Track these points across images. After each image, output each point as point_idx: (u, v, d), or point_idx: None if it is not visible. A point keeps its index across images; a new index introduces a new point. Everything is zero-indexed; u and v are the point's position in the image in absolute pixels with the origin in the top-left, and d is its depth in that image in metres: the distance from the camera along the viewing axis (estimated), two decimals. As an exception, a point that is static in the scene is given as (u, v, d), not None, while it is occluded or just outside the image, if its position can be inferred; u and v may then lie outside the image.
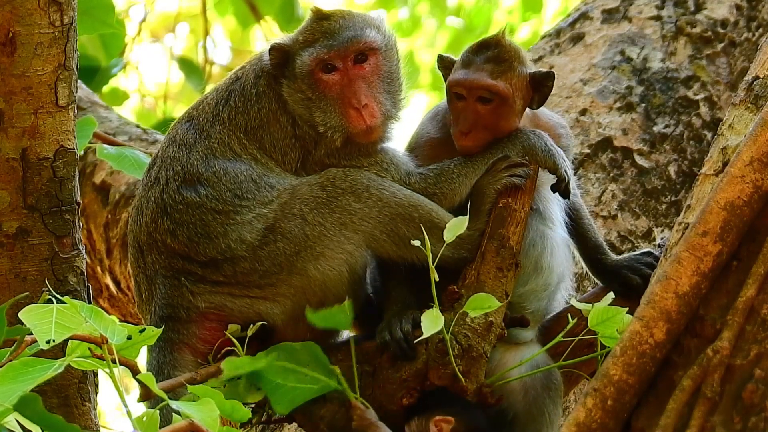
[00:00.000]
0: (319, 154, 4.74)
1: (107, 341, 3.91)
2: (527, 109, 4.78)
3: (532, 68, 4.75)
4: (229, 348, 4.56)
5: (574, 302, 4.63)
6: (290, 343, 4.51)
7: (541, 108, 4.82)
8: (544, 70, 4.74)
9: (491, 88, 4.66)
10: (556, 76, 4.76)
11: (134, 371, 4.00)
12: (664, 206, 6.38)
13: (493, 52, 4.70)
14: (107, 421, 10.33)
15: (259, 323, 4.55)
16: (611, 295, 4.52)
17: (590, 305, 4.55)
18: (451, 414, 4.43)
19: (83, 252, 4.89)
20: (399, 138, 4.89)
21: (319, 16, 4.78)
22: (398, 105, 4.81)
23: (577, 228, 4.91)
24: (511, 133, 4.75)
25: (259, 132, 4.75)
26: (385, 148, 4.80)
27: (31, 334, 3.94)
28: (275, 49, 4.77)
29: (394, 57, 4.84)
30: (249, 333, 4.52)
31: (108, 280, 7.23)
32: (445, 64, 4.82)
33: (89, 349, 3.95)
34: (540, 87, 4.73)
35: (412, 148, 4.87)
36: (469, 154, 4.72)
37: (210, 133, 4.75)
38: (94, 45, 8.40)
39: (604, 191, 6.35)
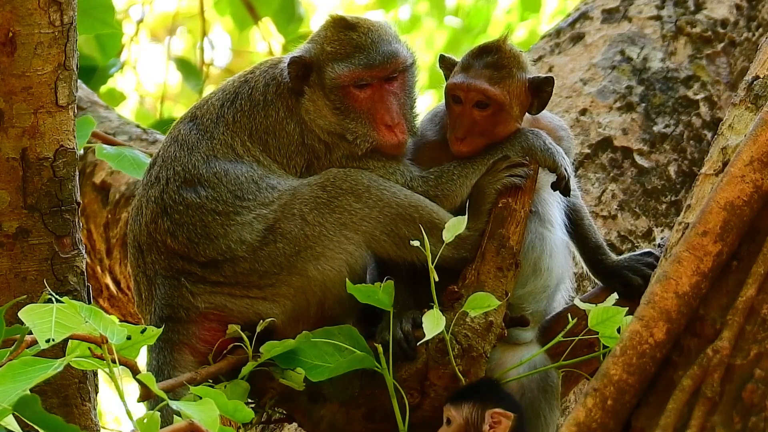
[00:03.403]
0: (329, 159, 4.75)
1: (107, 341, 3.90)
2: (527, 114, 4.78)
3: (531, 73, 4.74)
4: (231, 347, 4.57)
5: (576, 302, 4.64)
6: (328, 327, 4.52)
7: (541, 110, 4.83)
8: (543, 75, 4.74)
9: (488, 93, 4.66)
10: (555, 81, 4.75)
11: (134, 371, 3.99)
12: (664, 206, 6.39)
13: (493, 57, 4.70)
14: (107, 421, 10.32)
15: (269, 319, 4.56)
16: (615, 295, 4.52)
17: (592, 305, 4.55)
18: (508, 410, 4.39)
19: (83, 252, 4.88)
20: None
21: (344, 25, 4.77)
22: (416, 118, 4.83)
23: (577, 229, 4.91)
24: (510, 133, 4.75)
25: (264, 136, 4.76)
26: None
27: (31, 333, 3.93)
28: (295, 63, 4.76)
29: (416, 72, 4.87)
30: (259, 329, 4.53)
31: (108, 280, 7.23)
32: (446, 64, 4.82)
33: (89, 349, 3.95)
34: (539, 92, 4.73)
35: (411, 150, 4.87)
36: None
37: (213, 134, 4.75)
38: (90, 45, 8.39)
39: (604, 191, 6.36)
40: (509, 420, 4.34)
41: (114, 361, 3.90)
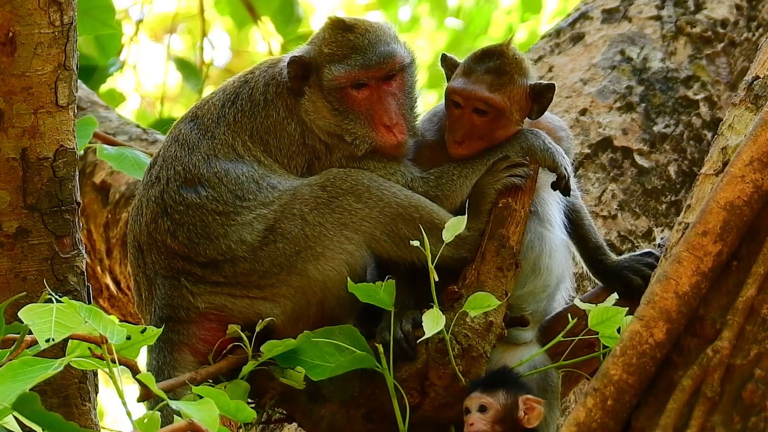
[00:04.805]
0: (329, 160, 4.75)
1: (107, 341, 3.91)
2: (526, 118, 4.78)
3: (533, 78, 4.73)
4: (231, 347, 4.58)
5: (576, 302, 4.64)
6: (329, 327, 4.52)
7: (540, 110, 4.83)
8: (545, 82, 4.73)
9: (488, 101, 4.65)
10: (555, 85, 4.75)
11: (134, 371, 4.00)
12: (664, 206, 6.39)
13: (495, 63, 4.68)
14: (107, 421, 10.32)
15: (268, 319, 4.56)
16: (614, 295, 4.52)
17: (592, 305, 4.55)
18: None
19: (83, 252, 4.88)
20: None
21: (342, 27, 4.77)
22: (416, 118, 4.83)
23: (577, 229, 4.91)
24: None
25: (264, 136, 4.76)
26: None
27: (31, 333, 3.93)
28: (295, 63, 4.76)
29: (416, 71, 4.87)
30: (258, 328, 4.53)
31: (108, 280, 7.23)
32: (447, 64, 4.80)
33: (89, 349, 3.95)
34: (539, 98, 4.73)
35: (411, 150, 4.87)
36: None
37: (214, 133, 4.75)
38: (89, 45, 8.39)
39: (604, 191, 6.36)
40: (541, 406, 4.36)
41: (114, 361, 3.90)
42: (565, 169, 4.70)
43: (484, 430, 4.33)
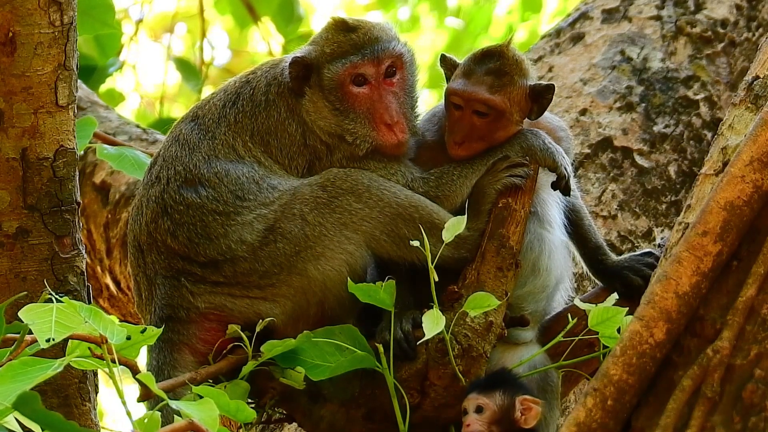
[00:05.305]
0: (330, 161, 4.75)
1: (107, 341, 3.91)
2: (526, 118, 4.78)
3: (533, 79, 4.73)
4: (231, 347, 4.58)
5: (576, 302, 4.64)
6: (329, 326, 4.52)
7: (540, 111, 4.83)
8: (545, 83, 4.73)
9: (488, 102, 4.65)
10: (555, 86, 4.75)
11: (134, 371, 4.00)
12: (664, 206, 6.39)
13: (495, 64, 4.68)
14: (107, 421, 10.33)
15: (268, 319, 4.56)
16: (614, 295, 4.53)
17: (592, 305, 4.56)
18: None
19: (83, 252, 4.89)
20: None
21: (344, 27, 4.78)
22: (417, 118, 4.83)
23: (577, 229, 4.91)
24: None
25: (265, 137, 4.76)
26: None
27: (31, 332, 3.94)
28: (296, 63, 4.76)
29: (416, 71, 4.87)
30: (258, 328, 4.53)
31: (108, 280, 7.24)
32: (447, 64, 4.80)
33: (89, 349, 3.95)
34: (539, 99, 4.73)
35: (411, 150, 4.86)
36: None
37: (215, 134, 4.75)
38: (89, 45, 8.39)
39: (604, 191, 6.36)
40: (539, 406, 4.36)
41: (114, 361, 3.90)
42: (565, 169, 4.70)
43: (480, 431, 4.33)
